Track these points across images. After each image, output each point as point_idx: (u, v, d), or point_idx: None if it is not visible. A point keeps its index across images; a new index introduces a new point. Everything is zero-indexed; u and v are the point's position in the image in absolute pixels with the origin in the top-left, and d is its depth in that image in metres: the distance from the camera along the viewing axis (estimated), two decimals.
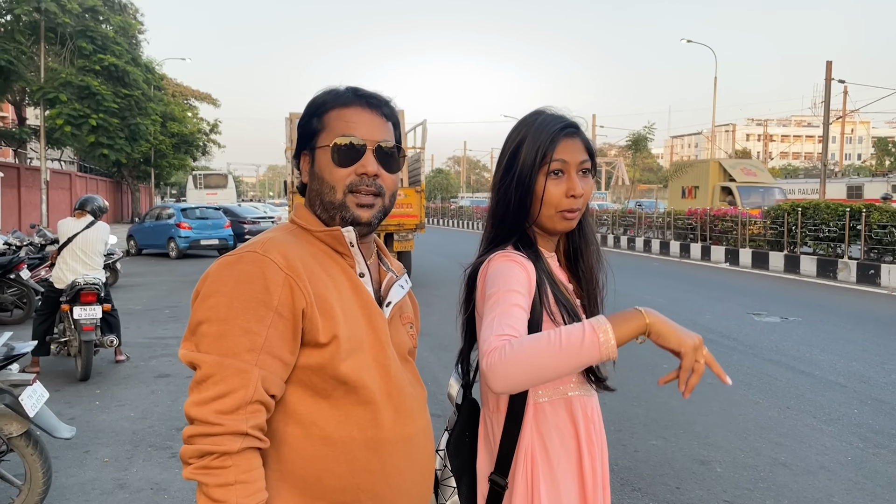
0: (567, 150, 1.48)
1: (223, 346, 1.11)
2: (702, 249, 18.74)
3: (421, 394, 1.36)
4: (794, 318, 9.33)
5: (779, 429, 4.90)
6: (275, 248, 1.18)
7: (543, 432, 1.46)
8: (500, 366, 1.19)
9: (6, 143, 30.53)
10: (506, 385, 1.20)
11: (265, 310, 1.13)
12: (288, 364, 1.16)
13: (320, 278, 1.21)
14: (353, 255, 1.29)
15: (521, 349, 1.19)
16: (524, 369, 1.18)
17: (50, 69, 22.26)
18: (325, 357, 1.17)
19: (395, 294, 1.36)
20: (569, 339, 1.19)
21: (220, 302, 1.13)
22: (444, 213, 49.40)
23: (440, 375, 6.29)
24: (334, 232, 1.27)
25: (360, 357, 1.21)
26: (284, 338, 1.14)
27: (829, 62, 26.08)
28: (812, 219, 15.10)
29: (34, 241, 10.34)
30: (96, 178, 38.93)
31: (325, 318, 1.18)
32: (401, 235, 12.73)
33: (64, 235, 6.36)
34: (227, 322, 1.12)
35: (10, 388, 3.26)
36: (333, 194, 1.28)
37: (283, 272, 1.15)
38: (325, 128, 1.30)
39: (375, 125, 1.30)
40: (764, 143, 70.17)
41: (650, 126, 29.72)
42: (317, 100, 1.34)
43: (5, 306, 9.01)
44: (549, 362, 1.18)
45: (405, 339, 1.38)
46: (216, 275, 1.17)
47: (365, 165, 1.27)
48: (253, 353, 1.11)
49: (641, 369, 6.39)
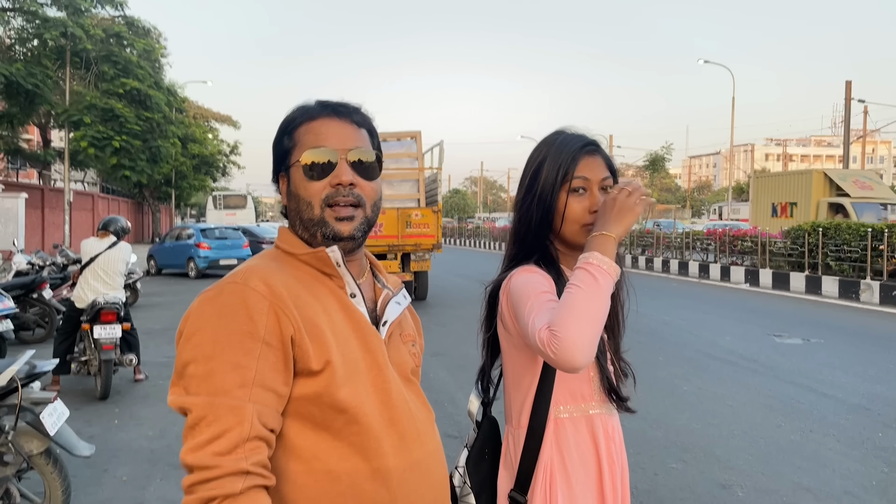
0: (588, 167, 1.52)
1: (212, 384, 1.05)
2: (721, 270, 18.57)
3: (427, 416, 1.29)
4: (817, 339, 9.19)
5: (802, 452, 4.81)
6: (255, 275, 1.13)
7: (563, 449, 1.46)
8: (563, 339, 1.26)
9: (31, 165, 31.11)
10: (579, 348, 1.25)
11: (252, 341, 1.07)
12: (283, 395, 1.10)
13: (307, 303, 1.15)
14: (341, 276, 1.23)
15: (563, 316, 1.28)
16: (579, 325, 1.27)
17: (75, 92, 22.70)
18: (320, 385, 1.11)
19: (391, 312, 1.29)
20: (587, 284, 1.31)
21: (204, 339, 1.07)
22: (461, 232, 49.46)
23: (457, 395, 6.26)
24: (318, 253, 1.21)
25: (358, 383, 1.15)
26: (276, 368, 1.08)
27: (849, 82, 25.95)
28: (833, 239, 14.93)
29: (57, 261, 10.48)
30: (118, 199, 39.48)
31: (316, 343, 1.12)
32: (417, 255, 12.76)
33: (87, 255, 6.45)
34: (214, 359, 1.06)
35: (31, 406, 3.30)
36: (311, 211, 1.22)
37: (267, 299, 1.10)
38: (296, 144, 1.25)
39: (346, 133, 1.25)
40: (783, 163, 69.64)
41: (668, 146, 29.75)
42: (286, 118, 1.29)
43: (28, 325, 9.12)
44: (588, 306, 1.29)
45: (406, 359, 1.31)
46: (197, 312, 1.11)
47: (339, 175, 1.21)
48: (245, 388, 1.05)
49: (660, 391, 6.32)
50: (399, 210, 12.39)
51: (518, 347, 1.51)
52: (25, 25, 21.49)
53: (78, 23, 20.85)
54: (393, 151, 13.17)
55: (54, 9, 21.88)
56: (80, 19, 21.17)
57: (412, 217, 12.41)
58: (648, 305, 12.30)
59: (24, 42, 22.13)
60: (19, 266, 10.04)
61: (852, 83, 25.91)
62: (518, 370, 1.53)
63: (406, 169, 13.09)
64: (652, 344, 8.59)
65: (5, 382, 3.25)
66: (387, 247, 12.42)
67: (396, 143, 13.37)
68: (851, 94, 25.93)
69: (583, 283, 1.31)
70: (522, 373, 1.51)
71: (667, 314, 11.31)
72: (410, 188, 13.04)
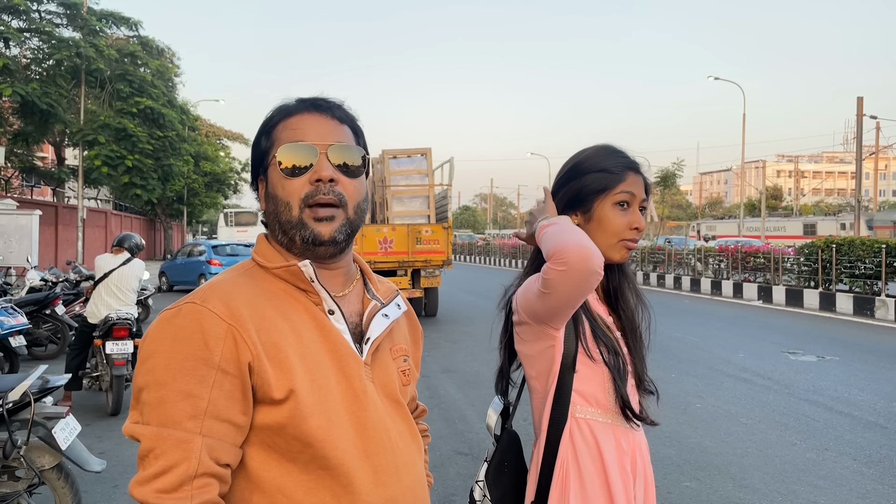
0: (634, 184, 1.55)
1: (162, 414, 0.97)
2: (734, 286, 18.45)
3: (409, 445, 1.18)
4: (831, 356, 9.09)
5: (818, 471, 4.74)
6: (215, 295, 1.05)
7: (577, 448, 1.47)
8: (564, 248, 1.33)
9: (45, 183, 31.48)
10: (582, 246, 1.33)
11: (206, 368, 0.98)
12: (240, 426, 1.01)
13: (273, 324, 1.06)
14: (317, 292, 1.13)
15: (553, 243, 1.37)
16: (568, 236, 1.36)
17: (89, 111, 23.02)
18: (283, 415, 1.02)
19: (375, 327, 1.18)
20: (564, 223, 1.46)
21: (157, 364, 0.99)
22: (471, 249, 49.46)
23: (467, 413, 6.23)
24: (291, 268, 1.12)
25: (330, 411, 1.05)
26: (233, 397, 1.00)
27: (861, 98, 25.89)
28: (847, 255, 14.81)
29: (70, 278, 10.57)
30: (130, 216, 39.82)
31: (279, 369, 1.03)
32: (428, 272, 12.78)
33: (101, 271, 6.49)
34: (165, 386, 0.98)
35: (43, 421, 3.31)
36: (289, 211, 1.13)
37: (225, 322, 1.01)
38: (273, 143, 1.16)
39: (326, 128, 1.16)
40: (795, 180, 69.43)
41: (679, 162, 29.67)
42: (266, 118, 1.21)
43: (40, 341, 9.18)
44: (564, 227, 1.42)
45: (392, 379, 1.19)
46: (154, 334, 1.03)
47: (318, 171, 1.12)
48: (195, 420, 0.97)
49: (674, 408, 6.26)
50: (409, 226, 12.43)
51: (534, 347, 1.51)
52: (41, 45, 21.84)
53: (92, 43, 21.20)
54: (403, 168, 13.23)
55: (70, 29, 22.26)
56: (94, 40, 21.51)
57: (422, 233, 12.44)
58: (660, 322, 12.16)
59: (39, 62, 22.50)
60: (32, 282, 10.14)
61: (864, 99, 25.86)
62: (537, 372, 1.52)
63: (416, 185, 13.14)
64: (664, 361, 8.52)
65: (18, 397, 3.27)
66: (397, 263, 12.45)
67: (407, 159, 13.44)
68: (864, 111, 25.86)
69: (555, 226, 1.43)
70: (541, 376, 1.51)
71: (679, 331, 11.23)
72: (421, 204, 13.08)
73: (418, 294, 12.84)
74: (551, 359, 1.47)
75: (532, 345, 1.51)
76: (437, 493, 4.27)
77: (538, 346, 1.49)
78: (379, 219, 13.36)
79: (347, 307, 1.18)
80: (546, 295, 1.37)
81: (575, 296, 1.36)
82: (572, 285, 1.33)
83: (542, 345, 1.48)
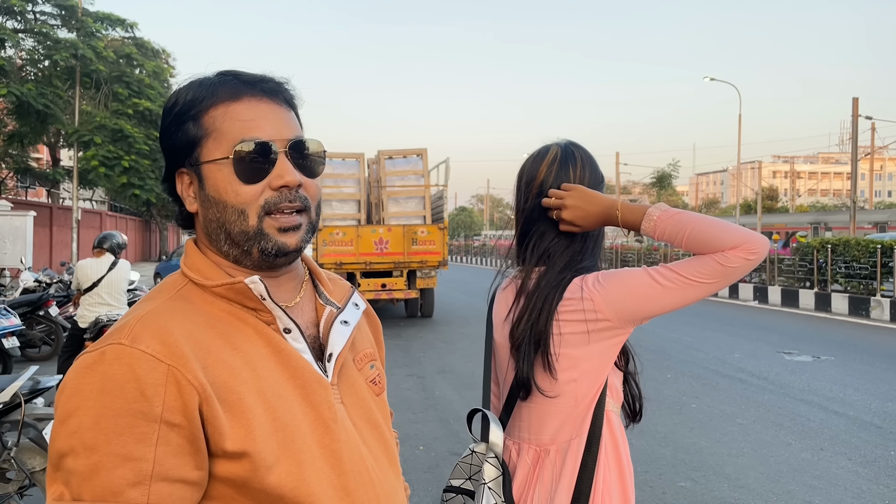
0: None
1: (97, 485, 0.79)
2: (729, 287, 18.46)
3: (388, 473, 1.03)
4: (827, 357, 9.10)
5: (812, 471, 4.74)
6: (147, 330, 0.86)
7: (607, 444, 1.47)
8: (746, 236, 1.36)
9: (40, 184, 31.37)
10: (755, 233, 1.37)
11: (146, 423, 0.80)
12: (196, 483, 0.84)
13: (221, 359, 0.88)
14: (268, 310, 0.95)
15: (725, 231, 1.39)
16: (739, 230, 1.39)
17: (84, 112, 22.96)
18: (244, 468, 0.85)
19: (336, 339, 1.01)
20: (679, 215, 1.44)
21: (82, 423, 0.80)
22: (467, 250, 49.49)
23: (463, 414, 6.21)
24: (237, 286, 0.93)
25: (299, 451, 0.90)
26: (182, 451, 0.82)
27: (856, 99, 25.94)
28: (842, 256, 14.84)
29: (64, 279, 10.53)
30: (126, 217, 39.72)
31: (231, 415, 0.86)
32: (423, 272, 12.77)
33: (87, 279, 6.36)
34: (97, 451, 0.79)
35: (34, 423, 3.29)
36: (244, 221, 0.94)
37: (164, 363, 0.83)
38: (210, 133, 0.95)
39: (281, 119, 0.97)
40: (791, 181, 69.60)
41: (674, 163, 29.75)
42: (185, 97, 0.97)
43: (34, 342, 9.15)
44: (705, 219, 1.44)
45: (363, 395, 1.05)
46: (73, 385, 0.82)
47: (283, 176, 0.94)
48: (140, 487, 0.79)
49: (669, 409, 6.25)
50: (405, 227, 12.42)
51: (594, 349, 1.43)
52: (37, 46, 21.79)
53: (89, 45, 21.14)
54: (399, 169, 13.23)
55: (65, 30, 22.21)
56: (91, 41, 21.46)
57: (418, 234, 12.44)
58: (656, 322, 12.19)
59: (35, 63, 22.44)
60: (26, 283, 10.10)
61: (859, 100, 25.92)
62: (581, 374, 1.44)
63: (412, 186, 13.13)
64: (659, 361, 8.52)
65: (9, 398, 3.25)
66: (393, 264, 12.44)
67: (403, 160, 13.44)
68: (859, 111, 25.91)
69: (692, 216, 1.42)
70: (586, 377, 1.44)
71: (675, 331, 11.23)
72: (416, 205, 13.07)
73: (414, 295, 12.83)
74: (608, 358, 1.45)
75: (590, 346, 1.42)
76: (432, 495, 4.25)
77: (598, 346, 1.42)
78: (375, 219, 13.34)
79: (302, 317, 1.02)
80: (703, 285, 1.37)
81: (729, 284, 1.42)
82: (746, 272, 1.37)
83: (606, 343, 1.42)
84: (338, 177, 12.89)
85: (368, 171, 13.86)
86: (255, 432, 0.87)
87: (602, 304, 1.39)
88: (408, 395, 6.95)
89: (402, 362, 8.63)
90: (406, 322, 13.02)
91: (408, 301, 13.57)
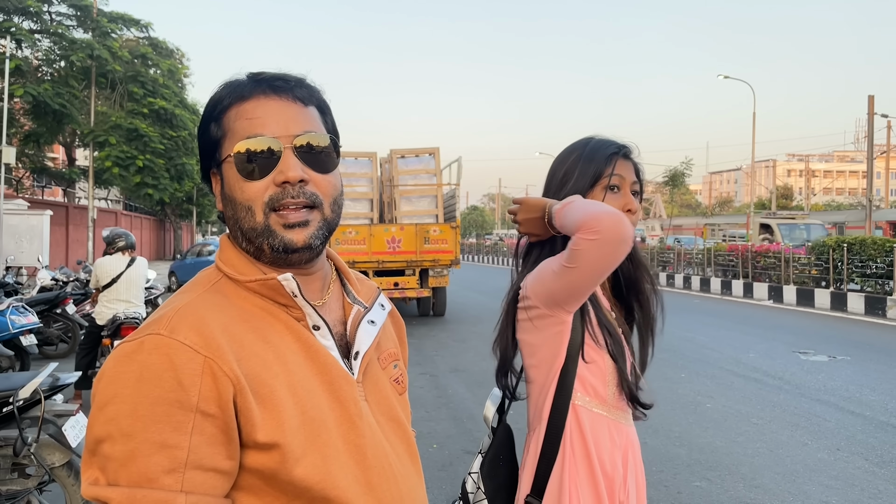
0: (622, 168, 1.56)
1: (133, 471, 0.81)
2: (744, 286, 18.34)
3: (409, 469, 1.05)
4: (843, 356, 9.02)
5: (829, 471, 4.70)
6: (184, 322, 0.88)
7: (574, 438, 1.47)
8: (595, 216, 1.35)
9: (56, 183, 31.67)
10: (612, 214, 1.34)
11: (182, 412, 0.83)
12: (228, 472, 0.86)
13: (255, 352, 0.91)
14: (299, 307, 0.98)
15: (582, 214, 1.39)
16: (595, 207, 1.39)
17: (100, 112, 23.15)
18: (274, 460, 0.88)
19: (363, 338, 1.04)
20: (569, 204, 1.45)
21: (120, 410, 0.82)
22: (479, 249, 49.46)
23: (476, 412, 6.21)
24: (269, 282, 0.96)
25: (325, 445, 0.92)
26: (215, 441, 0.84)
27: (872, 96, 25.68)
28: (858, 255, 14.70)
29: (80, 278, 10.64)
30: (140, 216, 40.02)
31: (264, 407, 0.88)
32: (436, 271, 12.78)
33: (106, 276, 6.45)
34: (134, 437, 0.81)
35: (53, 419, 3.33)
36: (252, 218, 0.96)
37: (201, 355, 0.85)
38: (226, 133, 0.98)
39: (289, 115, 0.98)
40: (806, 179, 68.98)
41: (688, 162, 29.55)
42: (213, 98, 1.01)
43: (51, 340, 9.24)
44: (595, 202, 1.43)
45: (387, 394, 1.07)
46: (112, 373, 0.85)
47: (284, 171, 0.95)
48: (175, 474, 0.82)
49: (683, 409, 6.23)
50: (417, 226, 12.44)
51: (539, 335, 1.51)
52: (53, 47, 21.99)
53: (105, 45, 21.32)
54: (411, 167, 13.25)
55: (80, 31, 22.40)
56: (106, 41, 21.64)
57: (430, 233, 12.45)
58: (670, 322, 12.09)
59: (51, 63, 22.65)
60: (43, 282, 10.20)
61: (875, 97, 25.65)
62: (539, 361, 1.52)
63: (424, 185, 13.15)
64: (674, 361, 8.49)
65: (29, 395, 3.28)
66: (405, 262, 12.46)
67: (415, 159, 13.45)
68: (874, 109, 25.65)
69: (576, 202, 1.44)
70: (542, 365, 1.50)
71: (689, 331, 11.18)
72: (429, 204, 13.08)
73: (426, 294, 12.85)
74: (557, 346, 1.47)
75: (538, 333, 1.50)
76: (446, 493, 4.26)
77: (545, 334, 1.49)
78: (387, 218, 13.37)
79: (330, 316, 1.04)
80: (570, 270, 1.37)
81: (602, 267, 1.36)
82: (601, 255, 1.34)
83: (550, 331, 1.48)
84: (350, 176, 12.92)
85: (381, 170, 13.89)
86: (286, 425, 0.88)
87: (530, 291, 1.49)
88: (421, 393, 6.97)
89: (414, 361, 8.64)
90: (418, 321, 13.04)
91: (420, 300, 13.58)
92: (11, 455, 3.27)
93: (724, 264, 20.02)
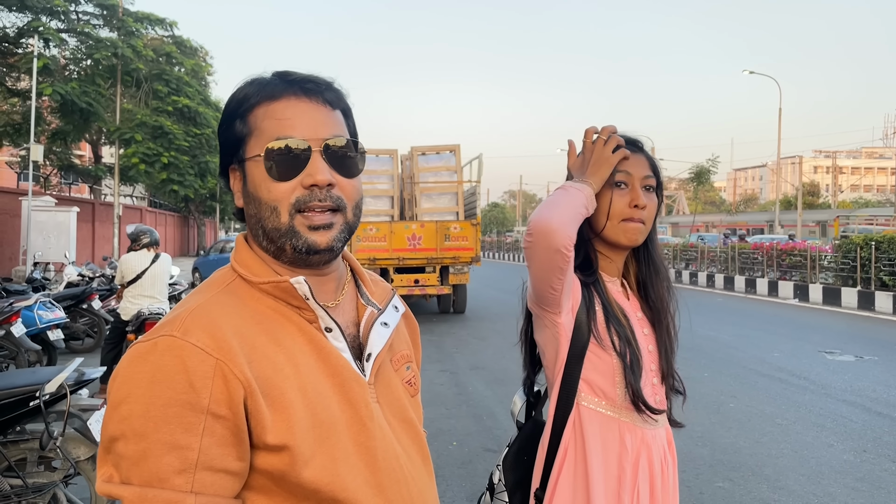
0: (630, 164, 1.52)
1: (145, 471, 0.83)
2: (769, 285, 18.10)
3: (421, 471, 1.05)
4: (870, 356, 8.86)
5: (855, 473, 4.62)
6: (197, 324, 0.89)
7: (586, 435, 1.45)
8: (532, 219, 1.35)
9: (83, 180, 32.16)
10: (546, 218, 1.34)
11: (193, 414, 0.84)
12: (238, 473, 0.88)
13: (266, 353, 0.92)
14: (311, 309, 0.98)
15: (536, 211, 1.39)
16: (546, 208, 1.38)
17: (125, 110, 23.45)
18: (284, 462, 0.89)
19: (375, 340, 1.04)
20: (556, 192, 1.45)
21: (133, 411, 0.84)
22: (499, 246, 49.37)
23: (496, 410, 6.20)
24: (281, 284, 0.97)
25: (334, 447, 0.92)
26: (226, 443, 0.86)
27: None
28: (887, 253, 14.43)
29: (106, 273, 10.78)
30: (165, 213, 40.51)
31: (274, 409, 0.89)
32: (456, 269, 12.77)
33: (131, 272, 6.53)
34: (146, 437, 0.83)
35: (79, 413, 3.38)
36: (276, 218, 0.97)
37: (212, 357, 0.86)
38: (252, 132, 0.99)
39: (318, 118, 0.99)
40: (833, 176, 67.85)
41: (713, 158, 29.23)
42: (237, 95, 1.02)
43: (77, 335, 9.38)
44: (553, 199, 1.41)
45: (399, 395, 1.07)
46: (126, 373, 0.87)
47: (313, 175, 0.96)
48: (185, 475, 0.83)
49: (706, 408, 6.16)
50: (438, 223, 12.44)
51: (542, 336, 1.52)
52: (79, 46, 22.31)
53: (129, 44, 21.57)
54: (432, 165, 13.24)
55: (106, 30, 22.69)
56: (131, 40, 21.90)
57: (451, 230, 12.44)
58: (693, 320, 11.96)
59: (77, 62, 22.98)
60: (70, 277, 10.37)
61: None
62: (547, 361, 1.53)
63: (445, 182, 13.14)
64: (697, 360, 8.40)
65: (55, 389, 3.33)
66: (426, 260, 12.47)
67: (436, 156, 13.44)
68: None
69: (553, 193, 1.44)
70: (550, 365, 1.52)
71: (712, 330, 11.06)
72: (449, 201, 13.07)
73: (447, 291, 12.85)
74: (556, 347, 1.47)
75: (540, 333, 1.52)
76: (466, 490, 4.26)
77: (545, 334, 1.50)
78: (408, 215, 13.38)
79: (343, 317, 1.04)
80: (531, 269, 1.41)
81: (544, 272, 1.36)
82: (538, 261, 1.35)
83: (548, 332, 1.48)
84: (371, 173, 12.95)
85: (401, 167, 13.90)
86: (295, 427, 0.89)
87: (528, 291, 1.51)
88: (441, 390, 6.97)
89: (434, 358, 8.65)
90: (439, 318, 13.04)
91: (440, 297, 13.59)
92: (38, 448, 3.32)
93: (748, 263, 19.77)
